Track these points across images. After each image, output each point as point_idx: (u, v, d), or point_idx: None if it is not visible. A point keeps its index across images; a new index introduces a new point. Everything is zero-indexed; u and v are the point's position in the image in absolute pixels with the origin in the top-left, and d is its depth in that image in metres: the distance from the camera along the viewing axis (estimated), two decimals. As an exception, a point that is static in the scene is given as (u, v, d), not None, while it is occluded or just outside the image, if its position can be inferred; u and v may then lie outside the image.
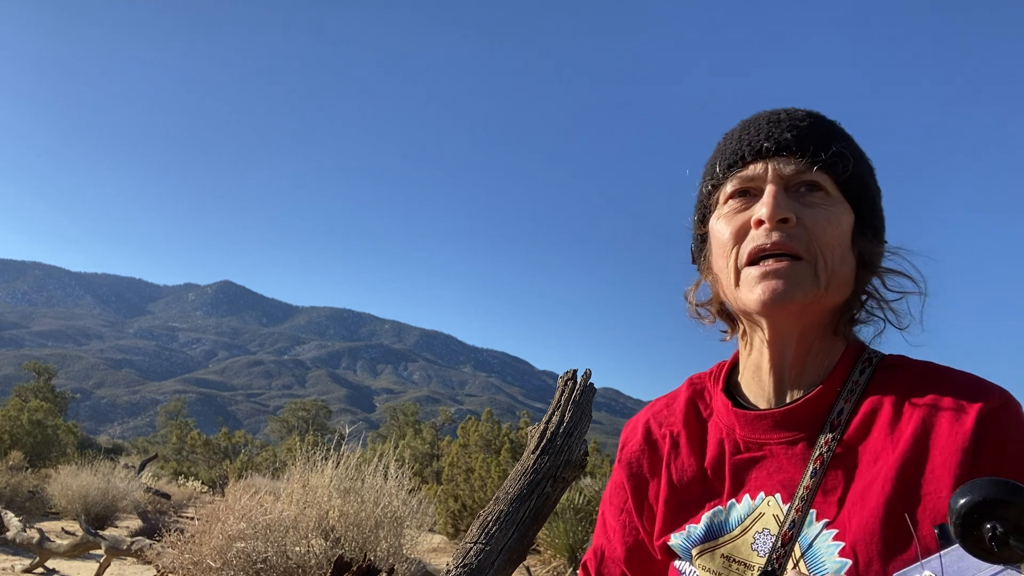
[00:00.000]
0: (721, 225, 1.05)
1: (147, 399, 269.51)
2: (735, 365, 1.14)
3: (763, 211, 0.99)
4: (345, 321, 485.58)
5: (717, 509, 1.05)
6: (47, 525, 12.00)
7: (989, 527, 0.53)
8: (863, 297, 1.05)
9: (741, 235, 1.03)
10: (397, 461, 6.30)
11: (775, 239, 0.98)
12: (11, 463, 18.16)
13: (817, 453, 0.97)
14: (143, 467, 20.10)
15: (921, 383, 0.97)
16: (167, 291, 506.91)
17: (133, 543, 8.15)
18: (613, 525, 1.19)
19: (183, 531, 5.75)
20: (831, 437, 0.97)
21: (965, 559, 0.56)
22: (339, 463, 6.05)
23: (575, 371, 3.81)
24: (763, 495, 1.01)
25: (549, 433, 3.61)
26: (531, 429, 3.73)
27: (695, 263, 1.15)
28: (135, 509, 14.18)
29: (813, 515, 0.95)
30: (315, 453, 6.17)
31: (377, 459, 6.21)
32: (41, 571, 9.51)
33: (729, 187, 1.05)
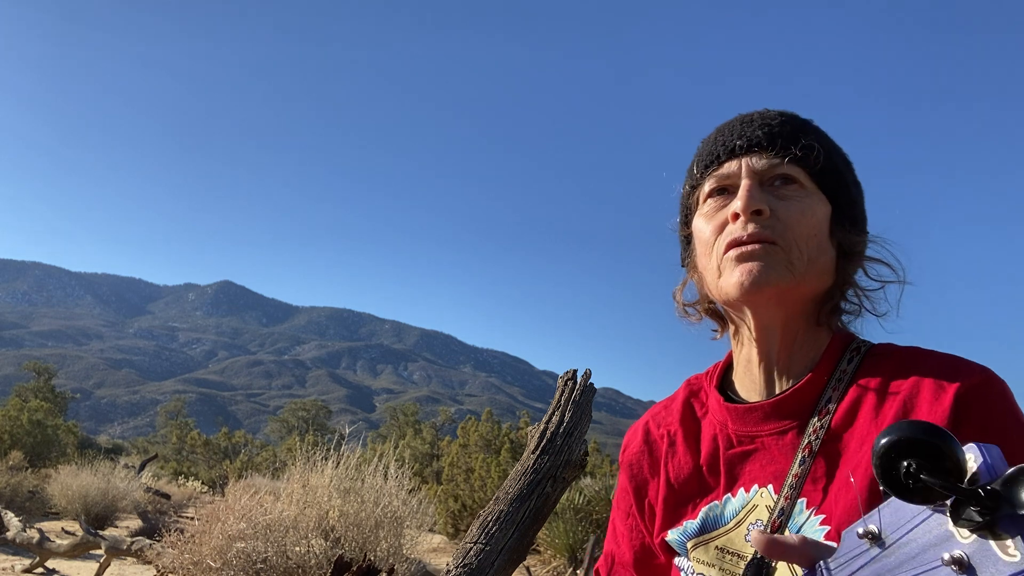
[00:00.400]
0: (702, 223, 1.10)
1: (147, 399, 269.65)
2: (730, 365, 1.17)
3: (738, 204, 1.04)
4: (345, 321, 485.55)
5: (713, 504, 1.07)
6: (47, 525, 12.00)
7: (905, 464, 0.56)
8: (844, 286, 1.08)
9: (721, 230, 1.06)
10: (397, 461, 6.30)
11: (751, 230, 1.02)
12: (11, 463, 18.17)
13: (805, 442, 1.00)
14: (143, 467, 20.11)
15: (904, 367, 0.99)
16: (167, 291, 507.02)
17: (133, 543, 8.15)
18: (621, 530, 1.21)
19: (183, 531, 5.76)
20: (819, 425, 1.00)
21: (902, 508, 0.59)
22: (339, 463, 6.05)
23: (575, 371, 3.81)
24: (756, 487, 1.03)
25: (549, 433, 3.61)
26: (531, 429, 3.73)
27: (683, 265, 1.19)
28: (135, 509, 14.18)
29: (803, 503, 0.97)
30: (315, 453, 6.17)
31: (377, 459, 6.21)
32: (41, 571, 9.51)
33: (707, 186, 1.10)
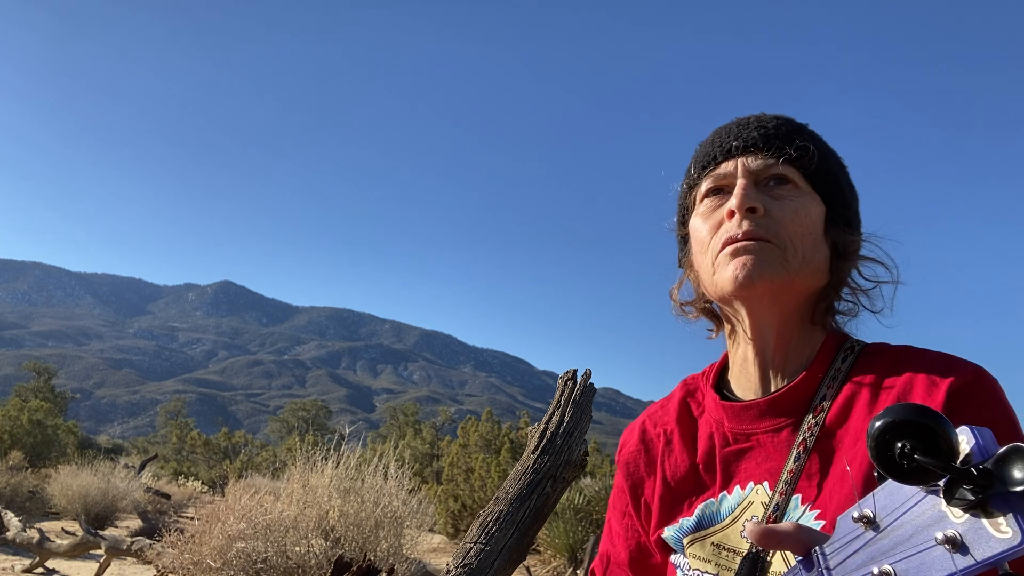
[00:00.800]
0: (699, 222, 1.12)
1: (147, 399, 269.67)
2: (726, 365, 1.19)
3: (733, 202, 1.06)
4: (345, 321, 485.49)
5: (709, 501, 1.08)
6: (47, 525, 12.00)
7: (899, 445, 0.57)
8: (839, 285, 1.10)
9: (717, 229, 1.09)
10: (397, 461, 6.30)
11: (745, 228, 1.04)
12: (11, 463, 18.18)
13: (800, 438, 1.01)
14: (143, 467, 20.10)
15: (898, 365, 1.01)
16: (167, 291, 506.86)
17: (133, 543, 8.15)
18: (617, 530, 1.22)
19: (183, 531, 5.76)
20: (814, 422, 1.02)
21: (896, 491, 0.60)
22: (339, 463, 6.05)
23: (575, 371, 3.81)
24: (752, 484, 1.04)
25: (549, 433, 3.61)
26: (531, 429, 3.73)
27: (680, 264, 1.21)
28: (135, 509, 14.18)
29: (798, 499, 0.98)
30: (315, 453, 6.17)
31: (377, 459, 6.21)
32: (41, 571, 9.51)
33: (704, 186, 1.13)
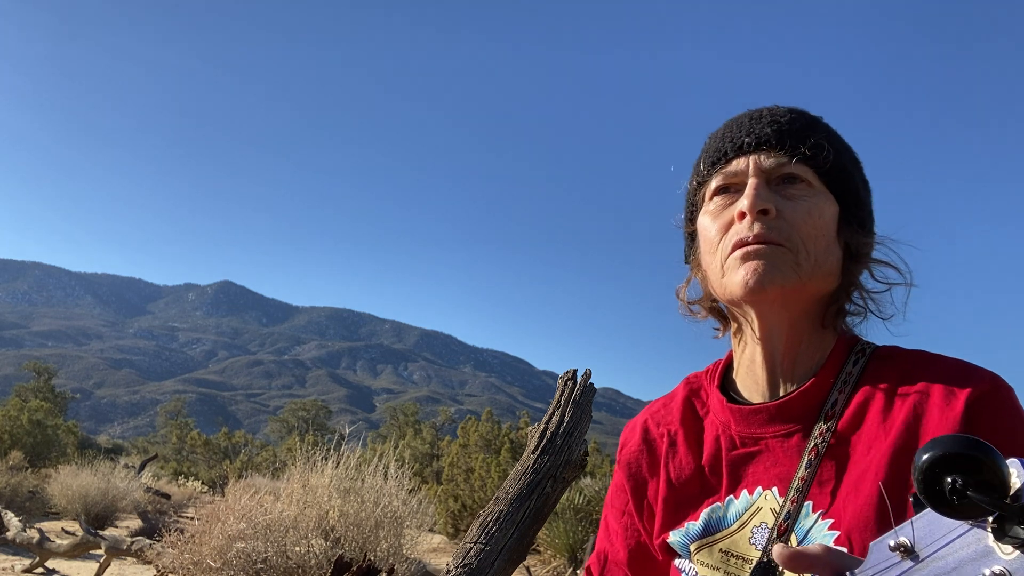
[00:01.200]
0: (707, 221, 1.08)
1: (147, 399, 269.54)
2: (730, 363, 1.15)
3: (744, 203, 1.02)
4: (345, 321, 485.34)
5: (715, 505, 1.05)
6: (47, 525, 12.00)
7: (949, 480, 0.54)
8: (851, 288, 1.06)
9: (726, 229, 1.05)
10: (397, 461, 6.30)
11: (757, 230, 1.00)
12: (11, 463, 18.17)
13: (812, 444, 0.98)
14: (143, 467, 20.10)
15: (913, 371, 0.98)
16: (167, 291, 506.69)
17: (133, 543, 8.15)
18: (615, 528, 1.19)
19: (183, 531, 5.75)
20: (825, 428, 0.98)
21: (937, 522, 0.57)
22: (339, 463, 6.05)
23: (575, 371, 3.81)
24: (760, 490, 1.01)
25: (549, 433, 3.61)
26: (531, 429, 3.73)
27: (687, 262, 1.18)
28: (135, 509, 14.18)
29: (809, 506, 0.96)
30: (315, 453, 6.17)
31: (377, 459, 6.21)
32: (41, 571, 9.51)
33: (714, 183, 1.08)
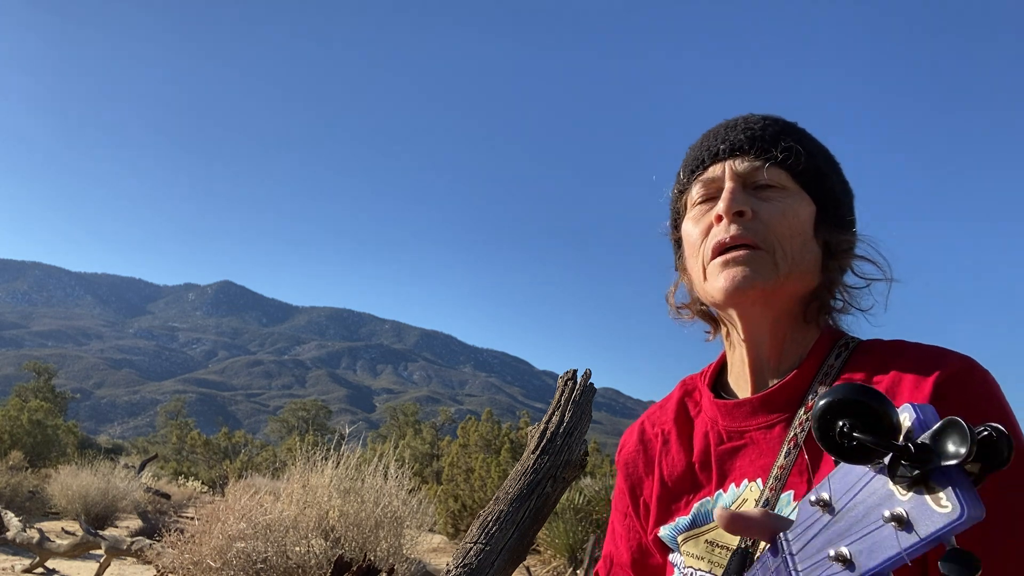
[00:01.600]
0: (690, 227, 1.13)
1: (147, 399, 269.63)
2: (724, 364, 1.19)
3: (721, 207, 1.06)
4: (345, 321, 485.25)
5: (705, 500, 1.09)
6: (47, 525, 12.01)
7: (840, 424, 0.58)
8: (831, 285, 1.09)
9: (706, 233, 1.09)
10: (397, 461, 6.30)
11: (733, 232, 1.05)
12: (11, 463, 18.19)
13: (791, 434, 1.01)
14: (143, 467, 20.11)
15: (888, 359, 1.01)
16: (167, 291, 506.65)
17: (133, 543, 8.15)
18: (619, 531, 1.23)
19: (183, 531, 5.76)
20: (805, 418, 1.01)
21: (849, 473, 0.61)
22: (339, 463, 6.05)
23: (575, 371, 3.81)
24: (746, 481, 1.05)
25: (549, 433, 3.61)
26: (531, 429, 3.73)
27: (676, 268, 1.22)
28: (135, 509, 14.18)
29: (790, 495, 0.98)
30: (315, 453, 6.17)
31: (377, 459, 6.21)
32: (41, 571, 9.52)
33: (694, 191, 1.14)
